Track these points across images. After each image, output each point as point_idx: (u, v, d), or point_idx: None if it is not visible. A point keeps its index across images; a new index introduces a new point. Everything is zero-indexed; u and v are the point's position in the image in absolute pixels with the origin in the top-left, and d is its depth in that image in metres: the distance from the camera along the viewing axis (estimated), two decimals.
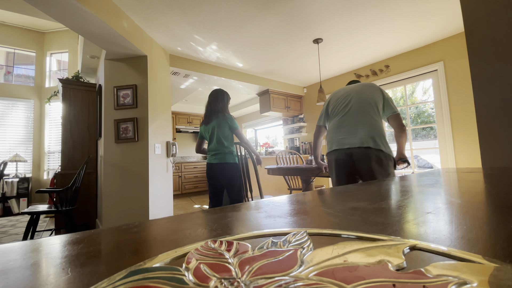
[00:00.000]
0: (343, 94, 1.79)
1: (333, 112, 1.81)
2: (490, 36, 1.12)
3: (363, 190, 0.49)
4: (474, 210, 0.29)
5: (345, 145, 1.67)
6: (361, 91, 1.75)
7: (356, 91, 1.76)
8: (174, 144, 3.15)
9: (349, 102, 1.73)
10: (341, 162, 1.69)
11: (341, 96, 1.80)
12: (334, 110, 1.81)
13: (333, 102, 1.83)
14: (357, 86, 1.79)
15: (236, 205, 0.37)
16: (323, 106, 1.93)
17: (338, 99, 1.80)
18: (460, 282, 0.12)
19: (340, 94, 1.82)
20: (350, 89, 1.80)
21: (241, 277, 0.14)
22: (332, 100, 1.85)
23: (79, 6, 1.86)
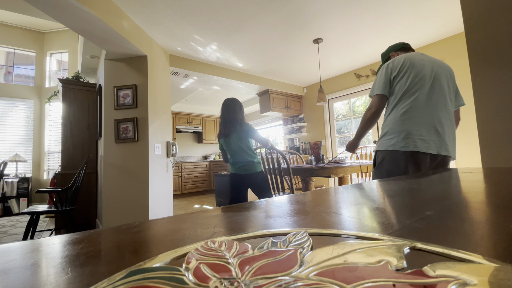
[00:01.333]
0: (426, 68, 1.26)
1: (410, 87, 1.24)
2: (490, 36, 1.12)
3: (363, 190, 0.49)
4: (474, 210, 0.29)
5: (441, 150, 1.21)
6: (441, 70, 1.29)
7: (436, 74, 1.26)
8: (174, 144, 3.15)
9: (434, 83, 1.25)
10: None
11: (425, 69, 1.26)
12: (414, 85, 1.23)
13: (413, 73, 1.25)
14: (435, 61, 1.31)
15: (236, 205, 0.37)
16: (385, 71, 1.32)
17: (421, 72, 1.25)
18: (460, 282, 0.12)
19: (416, 67, 1.26)
20: (430, 61, 1.30)
21: (241, 277, 0.14)
22: (409, 67, 1.26)
23: (79, 6, 1.86)
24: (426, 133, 1.20)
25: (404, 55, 1.31)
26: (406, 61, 1.28)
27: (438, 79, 1.27)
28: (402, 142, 1.20)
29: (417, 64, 1.27)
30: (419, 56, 1.30)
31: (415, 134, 1.20)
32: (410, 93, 1.24)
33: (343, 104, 4.57)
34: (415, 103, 1.23)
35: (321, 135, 4.76)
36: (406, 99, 1.25)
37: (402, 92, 1.26)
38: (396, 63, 1.30)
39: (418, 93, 1.23)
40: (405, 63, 1.27)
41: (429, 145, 1.19)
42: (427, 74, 1.25)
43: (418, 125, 1.21)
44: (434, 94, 1.25)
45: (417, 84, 1.24)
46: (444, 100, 1.26)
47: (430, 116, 1.22)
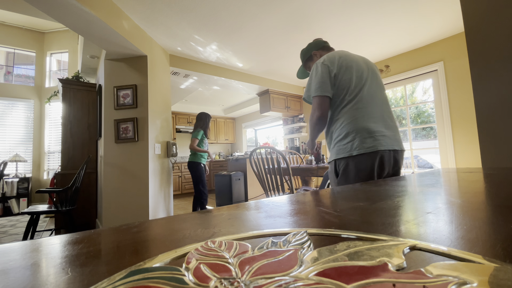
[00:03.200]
0: (358, 63, 1.24)
1: (355, 84, 1.19)
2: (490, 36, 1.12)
3: (363, 190, 0.49)
4: (474, 210, 0.29)
5: (400, 144, 1.19)
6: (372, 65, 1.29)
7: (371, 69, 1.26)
8: (174, 144, 3.15)
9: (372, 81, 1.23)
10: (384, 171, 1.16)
11: (361, 65, 1.24)
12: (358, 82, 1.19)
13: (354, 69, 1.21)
14: (368, 61, 1.30)
15: (236, 205, 0.37)
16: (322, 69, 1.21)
17: (360, 68, 1.22)
18: (460, 282, 0.12)
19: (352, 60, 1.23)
20: (360, 58, 1.28)
21: (241, 277, 0.14)
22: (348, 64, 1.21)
23: (79, 6, 1.86)
24: (384, 129, 1.16)
25: (336, 53, 1.26)
26: (342, 58, 1.21)
27: (374, 73, 1.26)
28: (366, 142, 1.12)
29: (353, 60, 1.23)
30: (347, 53, 1.26)
31: (376, 132, 1.13)
32: (356, 91, 1.18)
33: None
34: (364, 100, 1.17)
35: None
36: (353, 97, 1.18)
37: (348, 90, 1.19)
38: (333, 61, 1.21)
39: (363, 90, 1.19)
40: (343, 60, 1.21)
41: (391, 141, 1.15)
42: (364, 70, 1.23)
43: (376, 122, 1.15)
44: (377, 89, 1.23)
45: (361, 81, 1.20)
46: (384, 93, 1.26)
47: (380, 111, 1.18)
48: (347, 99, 1.18)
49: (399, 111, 3.81)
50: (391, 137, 1.15)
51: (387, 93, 3.93)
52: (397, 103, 3.87)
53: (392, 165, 1.17)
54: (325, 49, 1.41)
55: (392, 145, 1.14)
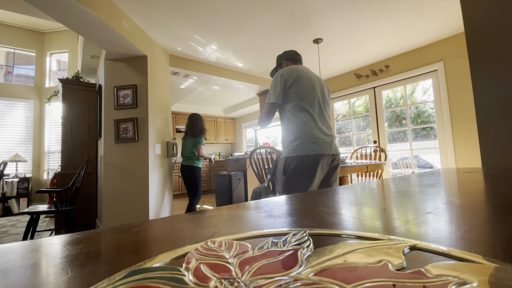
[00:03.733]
0: (311, 79, 1.49)
1: (304, 97, 1.43)
2: (490, 36, 1.12)
3: (363, 190, 0.49)
4: (474, 210, 0.29)
5: (336, 150, 1.48)
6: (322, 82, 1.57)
7: (321, 87, 1.53)
8: (174, 144, 3.15)
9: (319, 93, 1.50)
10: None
11: (310, 81, 1.48)
12: (307, 95, 1.44)
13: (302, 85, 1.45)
14: (321, 81, 1.56)
15: (236, 205, 0.37)
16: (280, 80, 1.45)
17: (310, 83, 1.47)
18: (460, 282, 0.12)
19: (307, 77, 1.48)
20: (315, 77, 1.53)
21: (241, 277, 0.14)
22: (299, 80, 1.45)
23: (79, 6, 1.86)
24: (324, 136, 1.43)
25: (295, 67, 1.49)
26: (297, 73, 1.46)
27: (323, 91, 1.54)
28: (309, 147, 1.38)
29: (305, 76, 1.47)
30: (305, 69, 1.51)
31: (318, 138, 1.40)
32: (305, 103, 1.43)
33: (343, 104, 4.57)
34: (311, 112, 1.43)
35: None
36: (302, 108, 1.42)
37: (297, 101, 1.43)
38: (290, 74, 1.45)
39: (311, 103, 1.44)
40: (297, 75, 1.45)
41: (329, 146, 1.43)
42: (316, 87, 1.49)
43: (318, 130, 1.42)
44: (323, 104, 1.51)
45: (310, 94, 1.44)
46: (328, 108, 1.56)
47: (323, 121, 1.46)
48: (298, 108, 1.43)
49: (399, 111, 3.81)
50: (330, 144, 1.44)
51: (387, 93, 3.94)
52: (397, 103, 3.87)
53: (329, 165, 1.46)
54: (293, 60, 1.64)
55: (329, 150, 1.42)
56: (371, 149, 3.27)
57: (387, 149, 3.83)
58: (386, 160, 3.26)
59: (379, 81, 3.87)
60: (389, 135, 3.88)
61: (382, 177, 3.01)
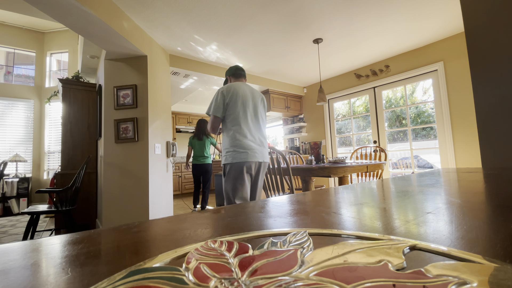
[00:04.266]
0: (246, 96, 1.75)
1: (238, 112, 1.70)
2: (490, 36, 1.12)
3: (363, 190, 0.49)
4: (474, 210, 0.29)
5: (264, 158, 1.76)
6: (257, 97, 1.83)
7: (254, 101, 1.80)
8: (174, 144, 3.15)
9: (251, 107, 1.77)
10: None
11: (244, 97, 1.75)
12: (242, 111, 1.71)
13: (237, 102, 1.71)
14: (255, 95, 1.82)
15: (236, 205, 0.37)
16: (219, 97, 1.72)
17: (243, 100, 1.73)
18: (460, 282, 0.12)
19: (243, 94, 1.74)
20: (249, 93, 1.79)
21: (241, 277, 0.14)
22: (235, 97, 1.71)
23: (79, 6, 1.86)
24: (255, 146, 1.71)
25: (232, 85, 1.75)
26: (234, 91, 1.71)
27: (257, 104, 1.79)
28: (241, 155, 1.65)
29: (241, 93, 1.73)
30: (242, 85, 1.77)
31: (247, 148, 1.67)
32: (239, 117, 1.69)
33: (343, 104, 4.57)
34: (242, 125, 1.69)
35: (321, 135, 4.76)
36: (237, 122, 1.69)
37: (232, 116, 1.70)
38: (227, 92, 1.71)
39: (245, 117, 1.71)
40: (234, 93, 1.71)
41: (258, 155, 1.70)
42: (249, 101, 1.74)
43: (248, 141, 1.69)
44: (255, 117, 1.76)
45: (245, 110, 1.71)
46: (262, 121, 1.81)
47: (255, 134, 1.73)
48: (232, 122, 1.70)
49: (399, 111, 3.81)
50: (259, 153, 1.71)
51: (387, 93, 3.94)
52: (397, 103, 3.87)
53: (256, 170, 1.74)
54: (235, 76, 1.88)
55: (258, 158, 1.70)
56: (371, 149, 3.27)
57: (387, 149, 3.83)
58: (386, 160, 3.26)
59: (379, 81, 3.87)
60: (389, 135, 3.89)
61: (382, 177, 3.01)
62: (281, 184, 2.28)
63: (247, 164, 1.66)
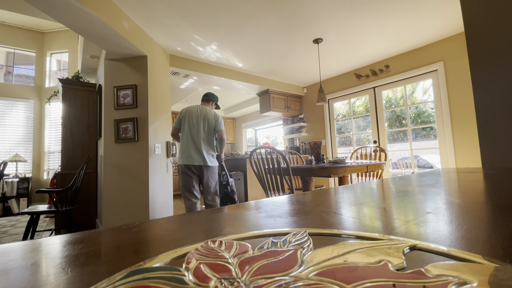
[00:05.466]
0: (196, 115, 2.46)
1: (185, 126, 2.45)
2: (490, 36, 1.12)
3: (363, 190, 0.49)
4: (474, 210, 0.29)
5: (201, 162, 2.37)
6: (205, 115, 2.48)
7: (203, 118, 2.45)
8: (174, 144, 3.15)
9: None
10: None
11: (195, 116, 2.45)
12: (188, 126, 2.43)
13: (187, 118, 2.45)
14: (205, 114, 2.46)
15: (236, 205, 0.37)
16: (180, 114, 2.51)
17: (193, 118, 2.45)
18: (460, 282, 0.12)
19: (195, 113, 2.46)
20: (199, 113, 2.47)
21: (241, 277, 0.14)
22: (188, 116, 2.46)
23: (79, 6, 1.86)
24: (193, 153, 2.36)
25: (189, 108, 2.49)
26: (188, 111, 2.47)
27: (204, 120, 2.43)
28: (181, 159, 2.37)
29: (194, 112, 2.45)
30: (195, 107, 2.48)
31: (188, 155, 2.35)
32: (188, 130, 2.40)
33: (343, 104, 4.57)
34: (189, 136, 2.39)
35: (321, 135, 4.76)
36: (185, 133, 2.41)
37: (184, 129, 2.43)
38: (183, 112, 2.48)
39: (191, 130, 2.39)
40: (185, 113, 2.47)
41: (194, 159, 2.34)
42: (197, 119, 2.42)
43: (190, 149, 2.36)
44: (198, 130, 2.39)
45: (192, 125, 2.41)
46: (206, 133, 2.41)
47: (194, 143, 2.37)
48: (183, 133, 2.43)
49: (399, 111, 3.81)
50: (196, 157, 2.35)
51: (387, 93, 3.94)
52: (397, 103, 3.87)
53: (197, 171, 2.37)
54: (202, 100, 2.65)
55: (195, 161, 2.34)
56: (371, 149, 3.27)
57: (387, 149, 3.84)
58: (386, 160, 3.26)
59: (379, 81, 3.87)
60: (389, 135, 3.89)
61: (382, 177, 3.01)
62: (281, 184, 2.28)
63: (186, 166, 2.36)
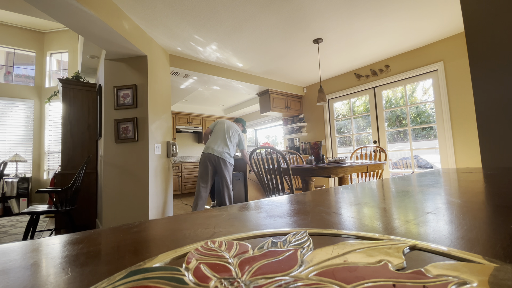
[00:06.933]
0: (222, 124, 3.11)
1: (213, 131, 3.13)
2: (490, 36, 1.12)
3: (363, 190, 0.49)
4: (474, 210, 0.29)
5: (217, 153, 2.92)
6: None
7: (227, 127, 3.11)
8: (174, 144, 3.15)
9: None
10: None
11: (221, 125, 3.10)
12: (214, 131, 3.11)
13: (216, 127, 3.11)
14: (229, 124, 3.10)
15: (236, 205, 0.37)
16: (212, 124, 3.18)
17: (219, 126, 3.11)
18: (460, 282, 0.12)
19: (221, 123, 3.11)
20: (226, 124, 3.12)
21: (241, 277, 0.14)
22: (216, 124, 3.13)
23: (79, 6, 1.86)
24: (215, 148, 2.90)
25: (219, 120, 3.12)
26: (218, 122, 3.11)
27: (228, 129, 3.03)
28: (204, 150, 2.98)
29: (221, 122, 3.09)
30: (224, 120, 3.07)
31: (208, 148, 2.93)
32: (215, 131, 3.06)
33: (343, 104, 4.57)
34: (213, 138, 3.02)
35: (321, 135, 4.76)
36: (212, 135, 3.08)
37: (214, 131, 3.08)
38: (214, 123, 3.13)
39: (216, 134, 3.01)
40: (217, 122, 3.10)
41: (214, 151, 2.87)
42: (223, 127, 3.03)
43: (212, 144, 2.95)
44: (226, 135, 2.99)
45: (217, 131, 3.04)
46: (228, 138, 2.99)
47: (216, 143, 2.98)
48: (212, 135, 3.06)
49: (399, 111, 3.81)
50: (215, 150, 2.87)
51: (387, 93, 3.95)
52: (397, 103, 3.87)
53: (215, 162, 2.88)
54: (234, 121, 3.32)
55: (214, 153, 2.87)
56: (371, 149, 3.27)
57: (387, 149, 3.83)
58: (386, 160, 3.26)
59: (379, 81, 3.87)
60: (389, 135, 3.89)
61: (382, 177, 3.00)
62: (281, 184, 2.28)
63: (206, 155, 2.97)
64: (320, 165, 2.36)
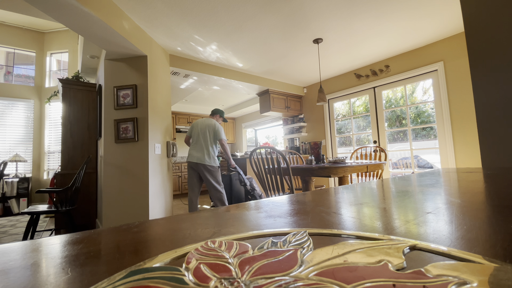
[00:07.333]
0: (200, 125, 2.98)
1: (191, 135, 3.05)
2: (490, 36, 1.12)
3: (363, 190, 0.49)
4: (474, 210, 0.29)
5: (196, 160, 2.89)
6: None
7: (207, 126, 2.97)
8: (174, 144, 3.15)
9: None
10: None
11: (199, 126, 2.98)
12: (192, 135, 3.02)
13: (193, 129, 3.00)
14: (208, 124, 2.96)
15: (236, 205, 0.37)
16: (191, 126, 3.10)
17: (197, 128, 2.99)
18: (460, 282, 0.12)
19: (199, 124, 2.98)
20: (204, 124, 2.99)
21: (241, 277, 0.14)
22: (194, 127, 3.01)
23: (79, 6, 1.86)
24: (194, 154, 2.86)
25: (196, 121, 3.02)
26: (195, 124, 3.00)
27: (204, 130, 2.92)
28: (188, 158, 2.92)
29: (199, 124, 2.97)
30: (201, 120, 2.98)
31: (189, 155, 2.90)
32: (192, 138, 3.00)
33: (343, 104, 4.57)
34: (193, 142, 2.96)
35: (321, 135, 4.76)
36: (192, 140, 2.99)
37: (192, 137, 3.02)
38: (192, 125, 3.03)
39: (194, 138, 2.96)
40: (194, 124, 3.00)
41: (195, 158, 2.86)
42: (202, 128, 2.93)
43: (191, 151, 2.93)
44: (202, 138, 2.90)
45: (195, 134, 2.96)
46: (207, 139, 2.92)
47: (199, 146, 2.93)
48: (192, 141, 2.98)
49: (399, 111, 3.81)
50: (196, 157, 2.83)
51: (387, 93, 3.95)
52: (397, 103, 3.87)
53: (198, 169, 2.85)
54: (210, 114, 3.24)
55: (194, 160, 2.84)
56: (371, 149, 3.27)
57: (387, 149, 3.83)
58: (386, 160, 3.26)
59: (379, 81, 3.87)
60: (389, 135, 3.89)
61: (382, 177, 3.01)
62: (281, 184, 2.28)
63: (190, 164, 2.93)
64: (320, 165, 2.36)
